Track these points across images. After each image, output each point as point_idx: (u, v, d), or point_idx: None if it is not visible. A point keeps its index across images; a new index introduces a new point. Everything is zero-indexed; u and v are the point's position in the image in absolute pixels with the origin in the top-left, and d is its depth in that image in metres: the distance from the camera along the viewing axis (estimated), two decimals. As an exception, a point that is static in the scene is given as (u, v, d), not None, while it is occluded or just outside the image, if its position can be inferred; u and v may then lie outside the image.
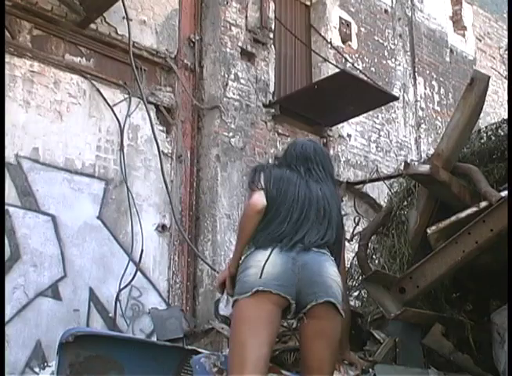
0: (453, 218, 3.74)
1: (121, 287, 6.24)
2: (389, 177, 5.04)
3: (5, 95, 5.98)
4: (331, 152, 8.51)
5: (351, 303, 4.80)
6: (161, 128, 7.09)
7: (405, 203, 4.32)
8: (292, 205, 2.88)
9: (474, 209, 3.69)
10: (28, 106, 6.15)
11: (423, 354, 3.80)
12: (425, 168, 3.82)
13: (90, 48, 6.71)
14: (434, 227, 3.78)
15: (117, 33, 6.86)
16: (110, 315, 6.22)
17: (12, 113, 6.01)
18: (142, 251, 6.40)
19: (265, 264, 2.68)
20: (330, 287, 2.72)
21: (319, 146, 3.22)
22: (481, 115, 4.51)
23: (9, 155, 5.93)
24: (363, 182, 5.78)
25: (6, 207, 5.80)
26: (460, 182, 3.95)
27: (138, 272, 6.38)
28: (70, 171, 6.30)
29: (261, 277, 2.65)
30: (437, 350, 3.77)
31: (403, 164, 4.08)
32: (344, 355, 3.14)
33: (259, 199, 2.85)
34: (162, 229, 6.83)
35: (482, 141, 4.30)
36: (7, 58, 6.05)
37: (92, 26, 6.67)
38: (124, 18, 6.82)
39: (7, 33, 6.11)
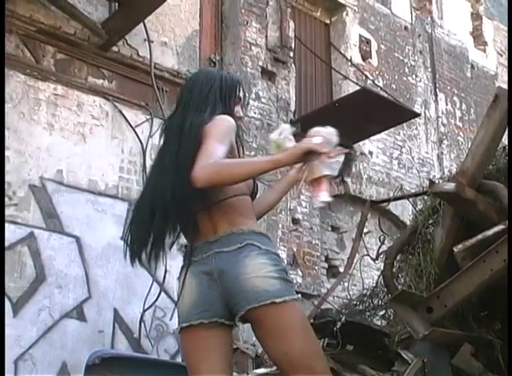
0: (480, 237, 3.70)
1: (145, 307, 6.24)
2: (413, 195, 5.01)
3: (30, 119, 6.07)
4: (353, 169, 8.50)
5: (378, 322, 4.77)
6: (183, 148, 7.12)
7: (431, 221, 4.28)
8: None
9: (501, 227, 3.64)
10: (52, 129, 6.22)
11: (452, 375, 3.74)
12: (450, 186, 3.79)
13: (112, 71, 6.79)
14: (460, 245, 3.74)
15: (138, 55, 6.94)
16: (135, 336, 6.22)
17: (37, 136, 6.09)
18: (165, 271, 6.40)
19: (181, 293, 2.41)
20: (243, 292, 2.33)
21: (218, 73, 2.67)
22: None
23: (34, 177, 6.00)
24: (388, 201, 5.75)
25: (31, 229, 5.86)
26: (486, 200, 3.91)
27: (162, 293, 6.39)
28: (93, 193, 6.34)
29: (183, 311, 2.40)
30: (466, 370, 3.71)
31: (428, 182, 4.05)
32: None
33: None
34: (185, 248, 6.82)
35: (508, 158, 4.25)
36: (31, 82, 6.14)
37: (114, 48, 6.75)
38: (145, 40, 6.91)
39: (32, 57, 6.21)
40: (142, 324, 6.25)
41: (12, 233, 5.72)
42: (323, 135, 2.26)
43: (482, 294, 3.87)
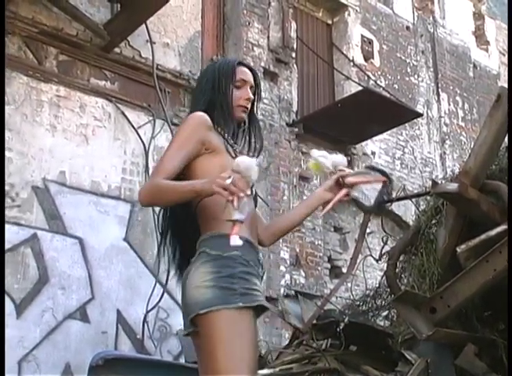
0: (483, 237, 3.69)
1: (148, 308, 6.25)
2: (416, 195, 5.00)
3: (33, 120, 6.08)
4: (356, 170, 8.49)
5: (381, 323, 4.76)
6: (186, 149, 7.13)
7: (434, 221, 4.27)
8: None
9: (504, 227, 3.63)
10: (55, 131, 6.23)
11: (456, 375, 3.74)
12: (453, 186, 3.77)
13: (114, 72, 6.79)
14: (463, 246, 3.72)
15: (140, 56, 6.94)
16: (138, 336, 6.23)
17: (40, 137, 6.10)
18: (168, 272, 6.41)
19: None
20: (185, 305, 2.29)
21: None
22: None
23: (37, 179, 6.01)
24: (390, 201, 5.73)
25: (35, 230, 5.87)
26: (489, 200, 3.90)
27: (165, 294, 6.39)
28: (96, 194, 6.35)
29: None
30: (470, 371, 3.71)
31: (431, 182, 4.04)
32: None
33: None
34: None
35: (508, 158, 4.24)
36: (34, 83, 6.15)
37: (116, 50, 6.75)
38: (147, 41, 6.91)
39: (34, 59, 6.22)
40: (146, 325, 6.26)
41: (15, 234, 5.73)
42: (241, 170, 2.18)
43: (485, 295, 3.86)
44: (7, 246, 5.62)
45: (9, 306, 5.54)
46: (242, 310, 2.20)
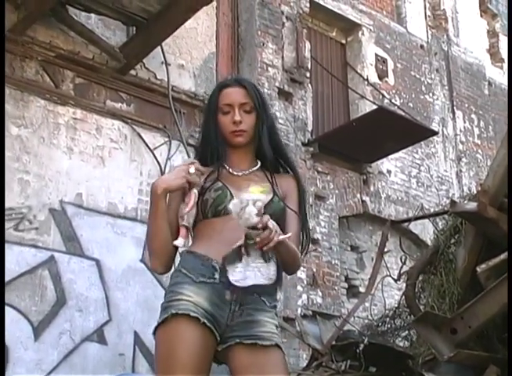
0: (503, 256, 3.66)
1: (166, 330, 6.21)
2: (435, 214, 4.98)
3: (50, 143, 6.12)
4: (371, 188, 8.48)
5: (400, 344, 4.72)
6: (202, 169, 7.14)
7: (452, 241, 4.25)
8: None
9: (524, 246, 3.60)
10: (72, 153, 6.27)
11: (478, 397, 3.69)
12: (472, 205, 3.76)
13: (130, 94, 6.84)
14: (483, 265, 3.70)
15: (156, 78, 6.99)
16: (155, 358, 6.19)
17: (57, 160, 6.14)
18: (185, 293, 6.40)
19: None
20: None
21: None
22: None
23: (54, 201, 6.04)
24: (408, 221, 5.71)
25: (52, 252, 5.88)
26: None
27: (182, 315, 6.36)
28: (112, 216, 6.36)
29: None
30: (492, 393, 3.66)
31: (449, 202, 4.02)
32: None
33: None
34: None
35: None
36: (51, 107, 6.21)
37: (132, 72, 6.80)
38: (162, 63, 6.96)
39: (51, 82, 6.28)
40: (163, 347, 6.22)
41: (32, 256, 5.76)
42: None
43: (507, 315, 3.81)
44: (25, 268, 5.65)
45: (26, 329, 5.55)
46: (165, 326, 2.16)
